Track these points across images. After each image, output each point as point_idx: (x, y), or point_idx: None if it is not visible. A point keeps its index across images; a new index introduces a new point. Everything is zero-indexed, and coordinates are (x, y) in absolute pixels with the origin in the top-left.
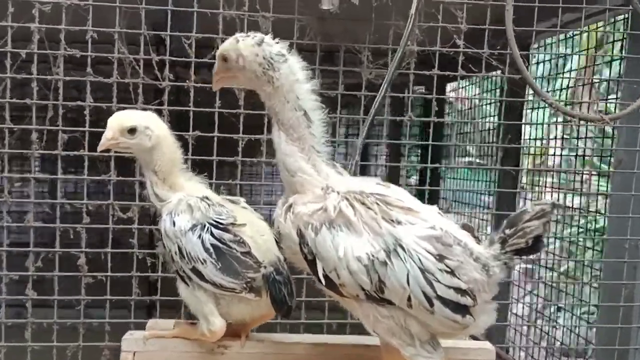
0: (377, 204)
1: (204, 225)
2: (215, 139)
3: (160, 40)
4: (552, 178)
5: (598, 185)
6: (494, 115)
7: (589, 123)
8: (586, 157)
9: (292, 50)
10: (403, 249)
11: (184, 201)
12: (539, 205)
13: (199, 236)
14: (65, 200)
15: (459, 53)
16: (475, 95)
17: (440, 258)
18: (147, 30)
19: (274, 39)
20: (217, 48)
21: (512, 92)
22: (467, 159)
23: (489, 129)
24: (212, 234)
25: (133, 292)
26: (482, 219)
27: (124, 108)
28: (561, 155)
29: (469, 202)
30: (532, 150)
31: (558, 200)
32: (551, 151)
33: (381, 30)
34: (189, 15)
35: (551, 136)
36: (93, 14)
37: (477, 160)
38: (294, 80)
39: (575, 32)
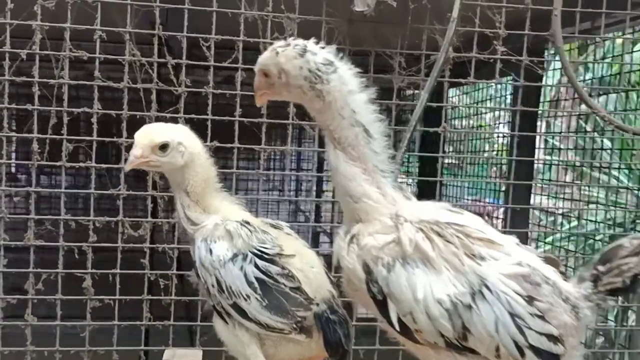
0: (457, 236)
1: (246, 256)
2: (236, 149)
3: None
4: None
5: (588, 190)
6: (504, 122)
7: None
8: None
9: (340, 54)
10: (489, 289)
11: (222, 226)
12: (637, 239)
13: (241, 268)
14: (70, 217)
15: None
16: (481, 100)
17: (530, 300)
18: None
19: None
20: (237, 50)
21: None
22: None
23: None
24: (256, 266)
25: (144, 317)
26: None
27: (135, 116)
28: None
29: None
30: None
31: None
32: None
33: (414, 34)
34: (207, 15)
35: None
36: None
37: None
38: (347, 92)
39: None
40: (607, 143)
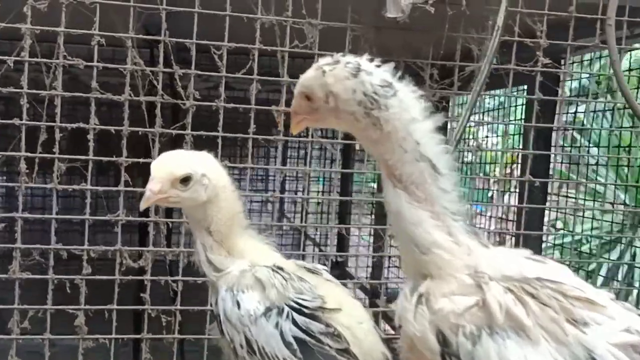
0: (555, 297)
1: (282, 310)
2: (248, 171)
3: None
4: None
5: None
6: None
7: None
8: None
9: (398, 73)
10: None
11: (250, 273)
12: None
13: (276, 325)
14: (61, 246)
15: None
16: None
17: None
18: (167, 36)
19: (371, 60)
20: (253, 60)
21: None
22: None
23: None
24: (294, 323)
25: (143, 357)
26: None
27: (137, 132)
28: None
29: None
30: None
31: None
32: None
33: (447, 43)
34: (219, 20)
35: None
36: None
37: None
38: (410, 120)
39: None
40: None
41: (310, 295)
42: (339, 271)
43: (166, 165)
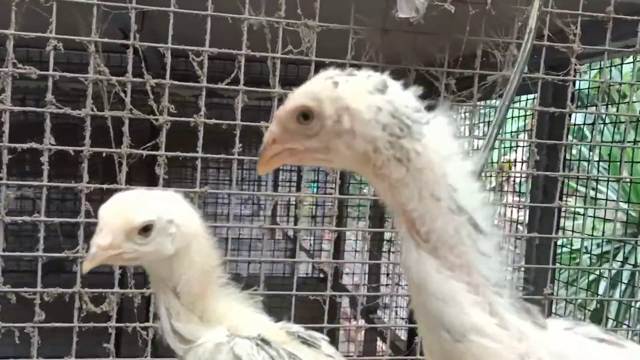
0: None
1: None
2: (231, 197)
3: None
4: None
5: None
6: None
7: None
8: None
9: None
10: None
11: (228, 347)
12: None
13: None
14: (9, 289)
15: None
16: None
17: None
18: (137, 40)
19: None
20: (239, 68)
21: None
22: None
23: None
24: None
25: None
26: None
27: (100, 154)
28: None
29: None
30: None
31: None
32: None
33: (465, 48)
34: (199, 21)
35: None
36: (57, 16)
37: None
38: (446, 157)
39: None
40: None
41: None
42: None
43: (120, 211)
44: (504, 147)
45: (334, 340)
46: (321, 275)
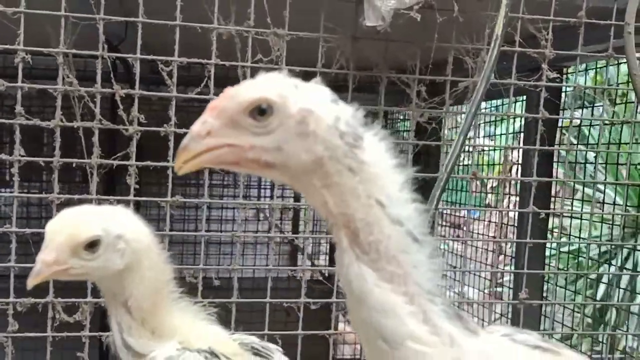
0: None
1: None
2: (205, 207)
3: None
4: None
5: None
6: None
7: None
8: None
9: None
10: None
11: None
12: None
13: None
14: None
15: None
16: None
17: None
18: (105, 51)
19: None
20: (209, 78)
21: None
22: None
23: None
24: None
25: None
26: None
27: (69, 164)
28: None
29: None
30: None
31: None
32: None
33: (436, 55)
34: (167, 31)
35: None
36: (27, 26)
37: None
38: (386, 168)
39: None
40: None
41: None
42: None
43: (65, 226)
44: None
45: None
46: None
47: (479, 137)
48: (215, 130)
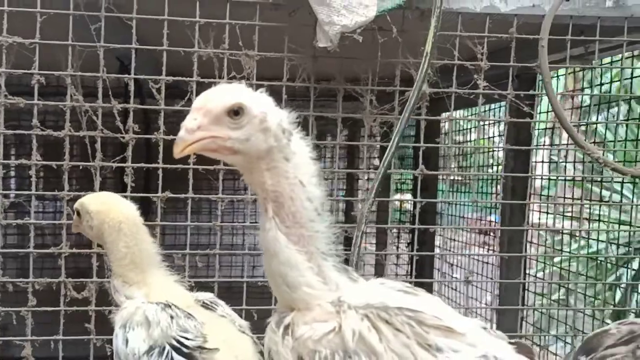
0: (409, 324)
1: (163, 349)
2: (190, 200)
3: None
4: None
5: (590, 209)
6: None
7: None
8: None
9: None
10: None
11: (142, 310)
12: (625, 325)
13: None
14: (7, 279)
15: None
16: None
17: None
18: (107, 72)
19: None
20: (191, 93)
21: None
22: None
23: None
24: None
25: None
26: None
27: (78, 167)
28: (549, 178)
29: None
30: None
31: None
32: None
33: (385, 69)
34: (156, 55)
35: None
36: (42, 54)
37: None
38: (307, 159)
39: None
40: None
41: (192, 334)
42: None
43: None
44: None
45: None
46: None
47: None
48: (204, 126)
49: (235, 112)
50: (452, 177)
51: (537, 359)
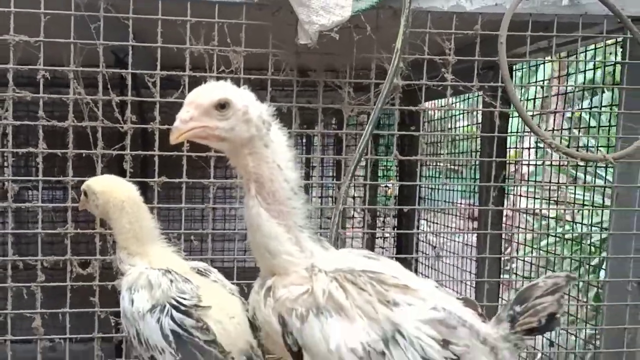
0: (371, 283)
1: (164, 307)
2: (184, 184)
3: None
4: (527, 187)
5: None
6: (476, 136)
7: (589, 163)
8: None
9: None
10: (403, 336)
11: (145, 275)
12: (551, 278)
13: (158, 320)
14: (18, 257)
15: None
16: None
17: (445, 344)
18: (106, 66)
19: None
20: (184, 87)
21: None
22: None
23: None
24: (172, 318)
25: (95, 355)
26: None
27: (81, 155)
28: (535, 165)
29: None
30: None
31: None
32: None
33: (362, 63)
34: (152, 50)
35: (525, 145)
36: (46, 51)
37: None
38: (284, 146)
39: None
40: (592, 142)
41: (189, 295)
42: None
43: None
44: None
45: None
46: None
47: None
48: (195, 117)
49: (222, 105)
50: (441, 164)
51: (480, 310)
